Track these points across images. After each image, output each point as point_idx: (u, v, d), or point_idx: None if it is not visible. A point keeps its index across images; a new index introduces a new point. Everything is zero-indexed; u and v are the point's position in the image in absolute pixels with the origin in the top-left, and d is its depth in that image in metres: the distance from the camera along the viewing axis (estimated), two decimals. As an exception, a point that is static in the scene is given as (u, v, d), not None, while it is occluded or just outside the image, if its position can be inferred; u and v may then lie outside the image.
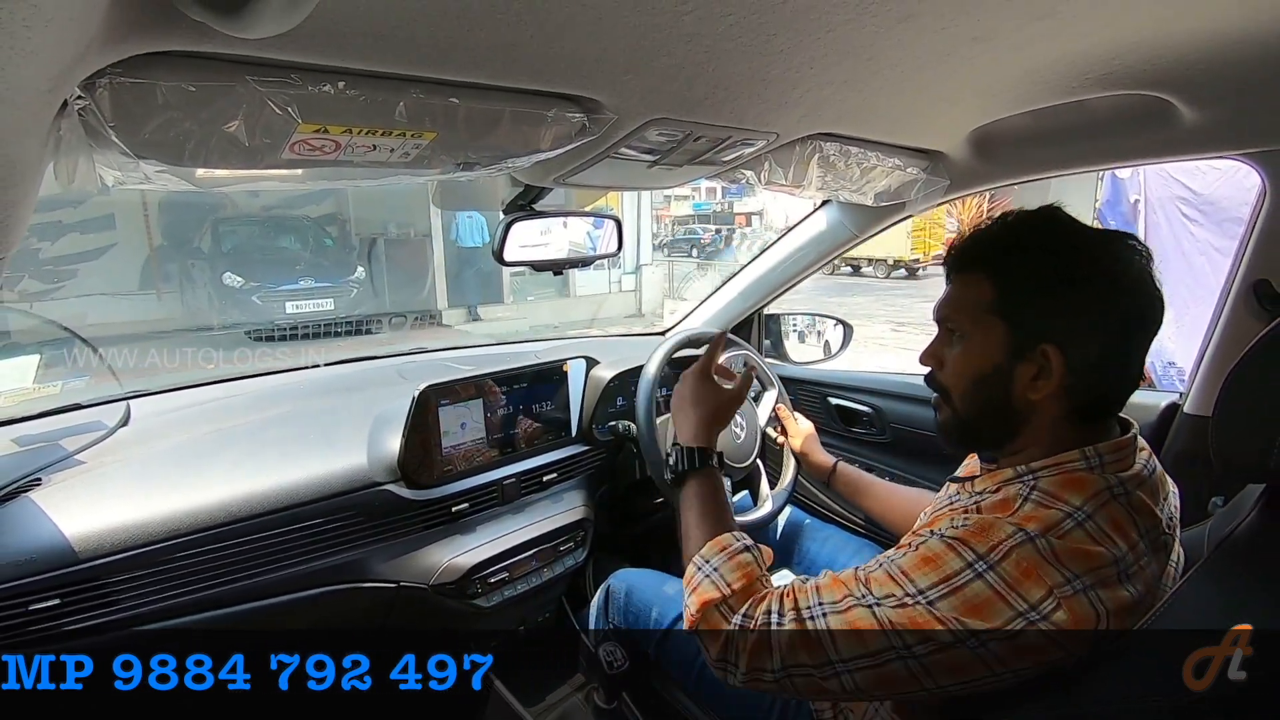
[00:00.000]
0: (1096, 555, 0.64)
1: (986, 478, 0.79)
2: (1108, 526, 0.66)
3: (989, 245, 0.78)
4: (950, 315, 0.80)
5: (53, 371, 1.47)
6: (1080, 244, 0.73)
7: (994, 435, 0.79)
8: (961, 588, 0.65)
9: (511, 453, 1.41)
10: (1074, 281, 0.71)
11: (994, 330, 0.75)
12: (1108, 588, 0.64)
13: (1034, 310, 0.73)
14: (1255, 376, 0.66)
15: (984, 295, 0.75)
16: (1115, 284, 0.71)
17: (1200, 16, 0.76)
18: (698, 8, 0.62)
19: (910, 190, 1.39)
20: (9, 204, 0.54)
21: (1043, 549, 0.64)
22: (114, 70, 0.54)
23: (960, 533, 0.68)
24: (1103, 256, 0.72)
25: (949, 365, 0.80)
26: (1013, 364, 0.74)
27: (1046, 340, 0.71)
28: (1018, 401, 0.74)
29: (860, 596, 0.69)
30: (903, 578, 0.68)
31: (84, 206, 7.85)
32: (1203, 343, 1.26)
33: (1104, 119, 1.09)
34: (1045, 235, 0.75)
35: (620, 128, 0.91)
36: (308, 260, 8.98)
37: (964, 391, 0.79)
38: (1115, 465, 0.71)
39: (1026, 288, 0.73)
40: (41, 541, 0.93)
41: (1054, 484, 0.70)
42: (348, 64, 0.64)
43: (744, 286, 1.96)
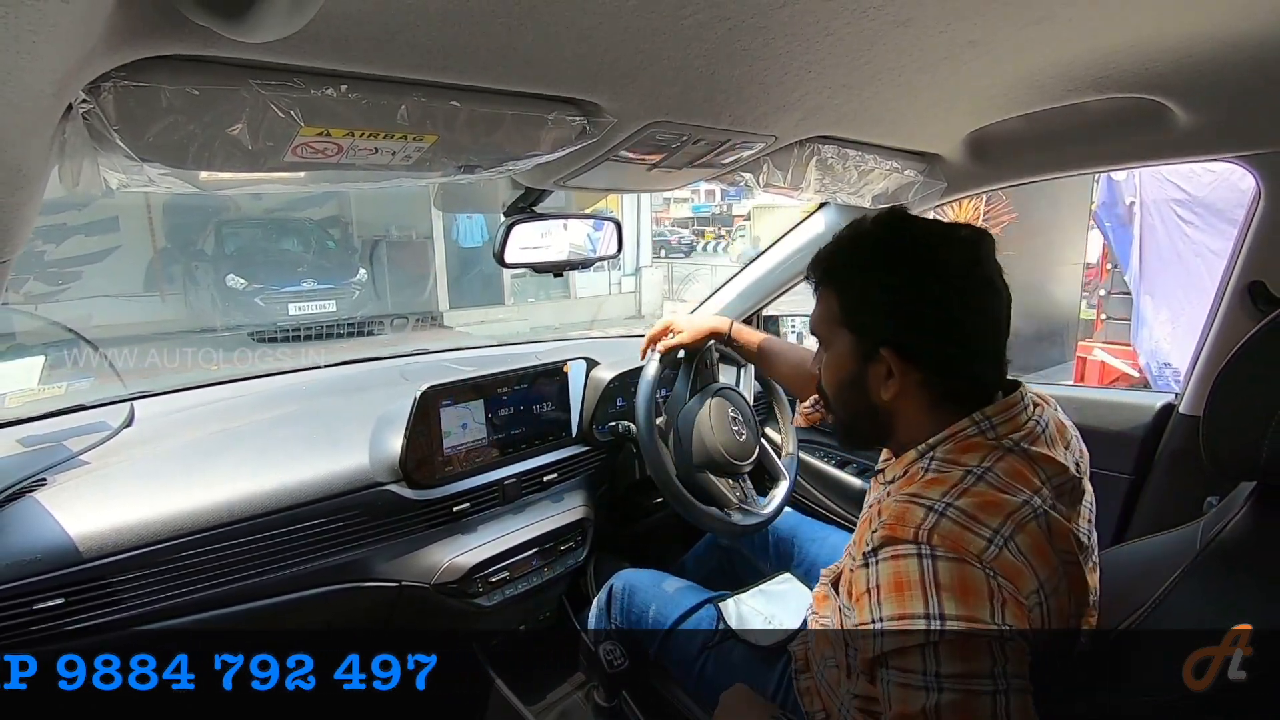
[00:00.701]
0: (1004, 503, 0.66)
1: (894, 464, 0.81)
2: (1007, 475, 0.69)
3: (833, 259, 0.82)
4: (814, 328, 0.85)
5: (58, 372, 1.48)
6: (909, 242, 0.76)
7: (871, 434, 0.84)
8: (937, 576, 0.62)
9: (512, 453, 1.41)
10: (897, 287, 0.75)
11: (843, 339, 0.80)
12: (1023, 530, 0.65)
13: (869, 316, 0.77)
14: (1245, 375, 0.67)
15: (832, 308, 0.81)
16: (936, 277, 0.73)
17: (1194, 20, 0.77)
18: (697, 12, 0.63)
19: (908, 193, 1.40)
20: (14, 207, 0.55)
21: (955, 517, 0.65)
22: (118, 74, 0.55)
23: (883, 532, 0.67)
24: (931, 253, 0.75)
25: (822, 374, 0.86)
26: (863, 368, 0.78)
27: (883, 343, 0.75)
28: (878, 401, 0.78)
29: (924, 694, 0.62)
30: (907, 620, 0.63)
31: (88, 209, 7.85)
32: (1198, 343, 1.27)
33: (1099, 122, 1.10)
34: (878, 242, 0.79)
35: (620, 131, 0.91)
36: (310, 262, 8.99)
37: (834, 397, 0.85)
38: (1006, 426, 0.74)
39: (859, 295, 0.78)
40: (46, 541, 0.94)
41: (950, 452, 0.74)
42: (350, 67, 0.65)
43: (743, 288, 1.97)
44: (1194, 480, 1.18)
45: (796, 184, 1.24)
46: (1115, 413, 1.32)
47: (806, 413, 1.29)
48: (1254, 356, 0.66)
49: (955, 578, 0.63)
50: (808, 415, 1.29)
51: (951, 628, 0.61)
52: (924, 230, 0.78)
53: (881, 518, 0.70)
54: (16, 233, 0.58)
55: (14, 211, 0.55)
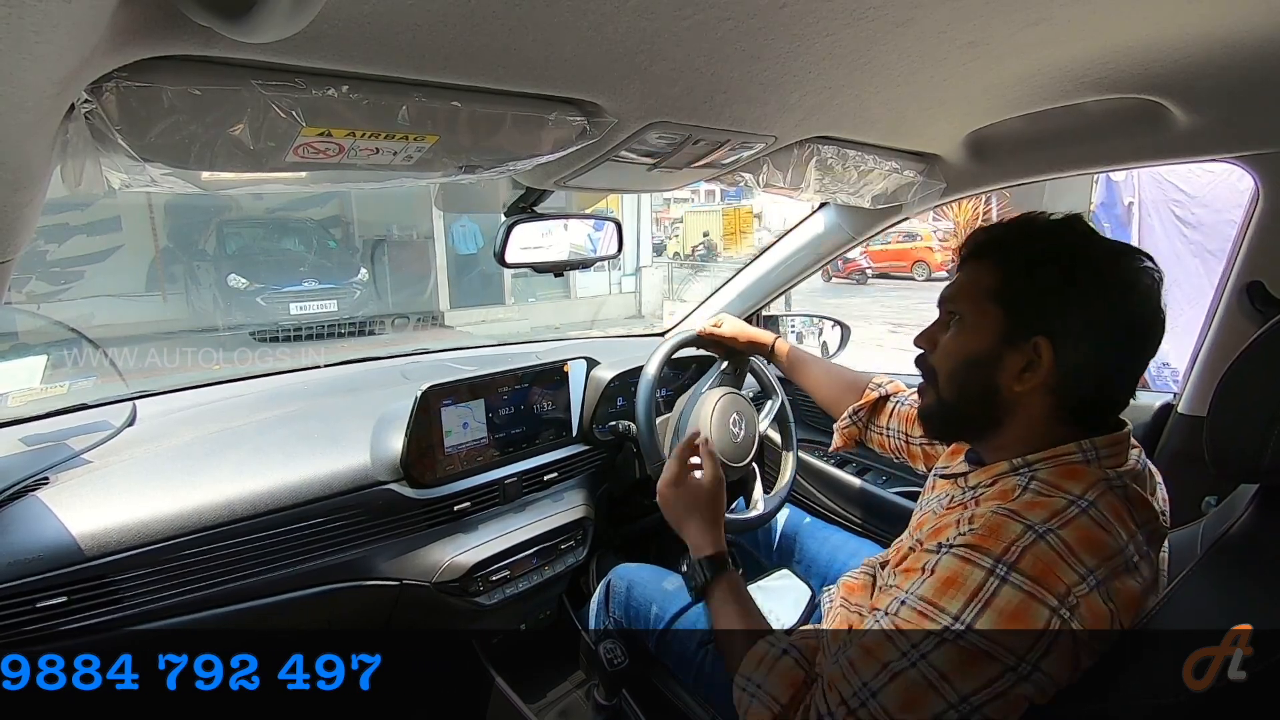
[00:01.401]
0: (1105, 543, 0.64)
1: (980, 472, 0.79)
2: (1110, 515, 0.67)
3: (1003, 235, 0.79)
4: (953, 298, 0.81)
5: (60, 372, 1.48)
6: (1091, 249, 0.74)
7: (977, 424, 0.79)
8: (992, 598, 0.62)
9: (513, 452, 1.42)
10: (1076, 282, 0.71)
11: (991, 315, 0.75)
12: (1118, 578, 0.64)
13: (1032, 301, 0.73)
14: (1249, 377, 0.67)
15: (988, 282, 0.76)
16: (1117, 292, 0.71)
17: (1193, 21, 0.77)
18: (697, 13, 0.63)
19: (907, 193, 1.40)
20: (17, 206, 0.55)
21: (1054, 544, 0.63)
22: (120, 74, 0.55)
23: (970, 538, 0.66)
24: (1111, 265, 0.72)
25: (941, 347, 0.81)
26: (1003, 351, 0.74)
27: (1039, 332, 0.72)
28: (1004, 391, 0.74)
29: (899, 658, 0.64)
30: (933, 610, 0.64)
31: (90, 209, 7.88)
32: (1196, 344, 1.27)
33: (1098, 122, 1.10)
34: (1058, 236, 0.76)
35: (620, 131, 0.92)
36: (311, 262, 9.00)
37: (951, 373, 0.79)
38: (1111, 460, 0.72)
39: (1029, 279, 0.74)
40: (48, 540, 0.94)
41: (1052, 475, 0.70)
42: (351, 68, 0.65)
43: (743, 288, 1.97)
44: (1193, 480, 1.18)
45: (796, 184, 1.24)
46: (1114, 412, 1.32)
47: (843, 428, 1.26)
48: (1258, 358, 0.66)
49: (1012, 604, 0.61)
50: (844, 431, 1.26)
51: (970, 639, 0.61)
52: (1113, 245, 0.74)
53: (973, 525, 0.67)
54: (19, 232, 0.59)
55: (16, 211, 0.56)
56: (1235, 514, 0.72)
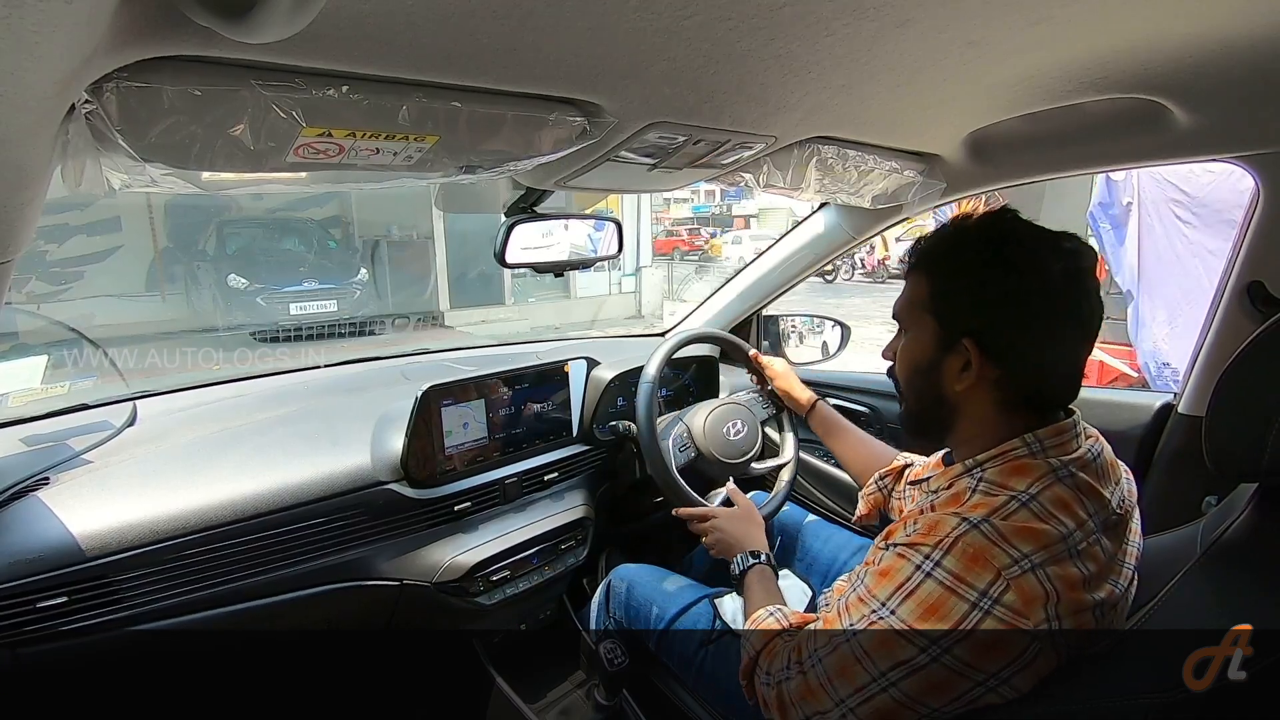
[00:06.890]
0: (1042, 533, 0.66)
1: (940, 475, 0.82)
2: (1053, 506, 0.69)
3: (933, 246, 0.82)
4: (898, 312, 0.86)
5: (60, 372, 1.49)
6: (1014, 242, 0.75)
7: (936, 426, 0.84)
8: (915, 590, 0.67)
9: (513, 452, 1.42)
10: (997, 279, 0.74)
11: (927, 325, 0.80)
12: (1058, 564, 0.66)
13: (958, 306, 0.77)
14: (1248, 377, 0.67)
15: (921, 293, 0.81)
16: (1040, 281, 0.73)
17: (1193, 21, 0.77)
18: (697, 13, 0.63)
19: (907, 193, 1.40)
20: (17, 206, 0.55)
21: (987, 532, 0.66)
22: (120, 74, 0.55)
23: (911, 538, 0.71)
24: (1034, 256, 0.74)
25: (899, 359, 0.86)
26: (941, 357, 0.78)
27: (965, 333, 0.75)
28: (949, 393, 0.79)
29: (840, 635, 0.72)
30: (869, 596, 0.71)
31: (91, 209, 7.88)
32: (1196, 344, 1.27)
33: (1098, 123, 1.10)
34: (982, 236, 0.78)
35: (620, 131, 0.92)
36: (311, 262, 9.01)
37: (908, 381, 0.85)
38: (1057, 449, 0.74)
39: (954, 285, 0.78)
40: (49, 540, 0.94)
41: (999, 473, 0.74)
42: (351, 68, 0.65)
43: (743, 288, 1.97)
44: (1193, 480, 1.18)
45: (796, 184, 1.24)
46: (1114, 412, 1.32)
47: (868, 495, 1.26)
48: (1257, 358, 0.66)
49: (931, 598, 0.66)
50: (869, 498, 1.26)
51: (890, 623, 0.68)
52: (1029, 232, 0.77)
53: (917, 525, 0.72)
54: (20, 232, 0.59)
55: (17, 211, 0.56)
56: (1234, 513, 0.73)
